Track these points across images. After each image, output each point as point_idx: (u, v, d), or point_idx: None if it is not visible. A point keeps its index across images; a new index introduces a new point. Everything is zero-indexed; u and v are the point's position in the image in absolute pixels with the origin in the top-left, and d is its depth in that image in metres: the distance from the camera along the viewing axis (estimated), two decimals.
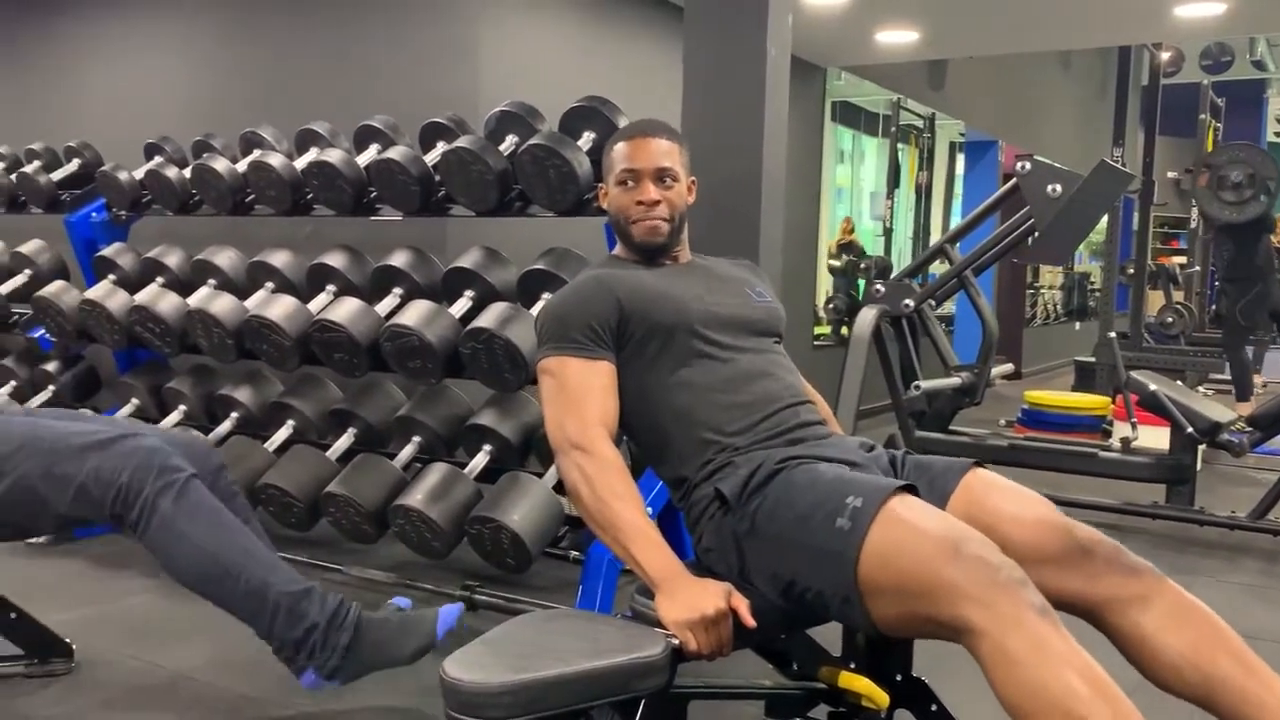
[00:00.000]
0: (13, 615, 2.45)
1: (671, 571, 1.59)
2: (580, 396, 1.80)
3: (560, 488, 2.92)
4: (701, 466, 1.80)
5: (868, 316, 4.28)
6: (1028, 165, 4.15)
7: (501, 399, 3.18)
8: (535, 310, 2.97)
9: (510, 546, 2.73)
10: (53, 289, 3.81)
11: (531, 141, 2.95)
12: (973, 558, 1.43)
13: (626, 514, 1.66)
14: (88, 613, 2.84)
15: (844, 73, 7.94)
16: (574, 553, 2.92)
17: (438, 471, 2.95)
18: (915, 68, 8.10)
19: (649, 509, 1.93)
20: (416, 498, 2.87)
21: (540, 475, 2.91)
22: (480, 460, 3.07)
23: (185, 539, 1.95)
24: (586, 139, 3.06)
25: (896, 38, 6.37)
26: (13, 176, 4.27)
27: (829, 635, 1.98)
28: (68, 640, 2.51)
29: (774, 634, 1.73)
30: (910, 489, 1.60)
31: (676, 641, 1.50)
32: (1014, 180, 4.22)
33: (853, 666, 1.96)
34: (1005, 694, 1.40)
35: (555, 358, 1.85)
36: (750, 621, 1.55)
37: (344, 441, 3.29)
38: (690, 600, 1.53)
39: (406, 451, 3.19)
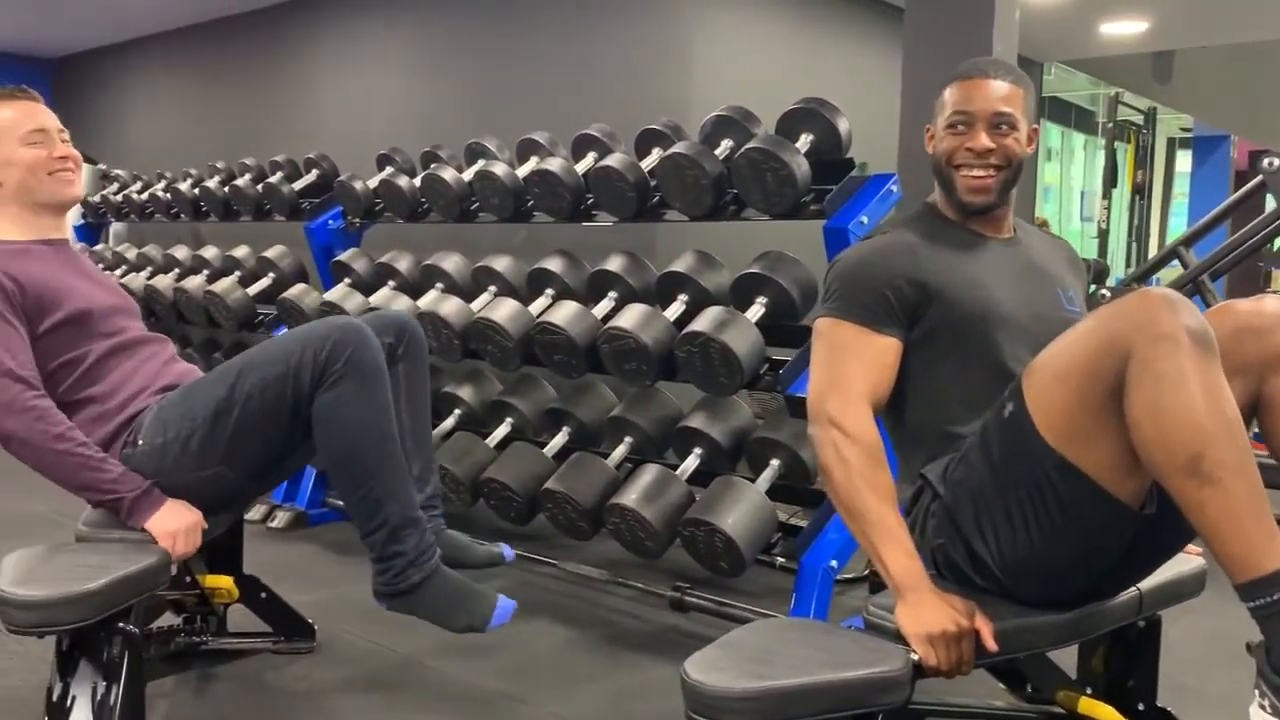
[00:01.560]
0: (263, 595, 2.62)
1: (917, 581, 1.54)
2: (850, 370, 1.69)
3: (773, 494, 2.91)
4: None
5: None
6: (1275, 162, 3.88)
7: (712, 402, 3.19)
8: (750, 313, 2.97)
9: (724, 550, 2.74)
10: (295, 291, 4.09)
11: (749, 145, 2.94)
12: (1129, 299, 1.44)
13: (879, 509, 1.59)
14: (326, 595, 3.02)
15: (1055, 67, 7.59)
16: (781, 560, 2.89)
17: (651, 472, 2.99)
18: (1139, 60, 7.65)
19: None
20: (631, 497, 2.91)
21: (752, 480, 2.91)
22: (691, 463, 3.09)
23: (346, 424, 1.99)
24: (804, 141, 3.03)
25: (1123, 29, 6.06)
26: (259, 187, 4.61)
27: (1065, 658, 1.90)
28: (310, 621, 2.67)
29: (1011, 652, 1.67)
30: None
31: (916, 657, 1.47)
32: (1259, 178, 3.95)
33: (1089, 691, 1.88)
34: (1135, 411, 1.39)
35: (832, 319, 1.74)
36: (993, 645, 1.50)
37: (559, 439, 3.38)
38: (933, 614, 1.48)
39: (619, 451, 3.24)
